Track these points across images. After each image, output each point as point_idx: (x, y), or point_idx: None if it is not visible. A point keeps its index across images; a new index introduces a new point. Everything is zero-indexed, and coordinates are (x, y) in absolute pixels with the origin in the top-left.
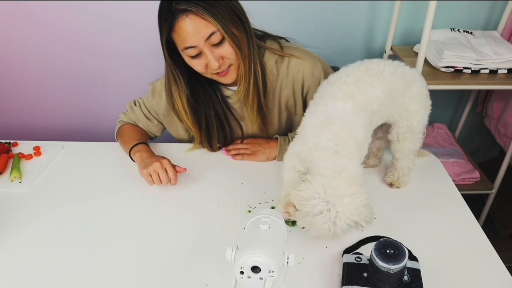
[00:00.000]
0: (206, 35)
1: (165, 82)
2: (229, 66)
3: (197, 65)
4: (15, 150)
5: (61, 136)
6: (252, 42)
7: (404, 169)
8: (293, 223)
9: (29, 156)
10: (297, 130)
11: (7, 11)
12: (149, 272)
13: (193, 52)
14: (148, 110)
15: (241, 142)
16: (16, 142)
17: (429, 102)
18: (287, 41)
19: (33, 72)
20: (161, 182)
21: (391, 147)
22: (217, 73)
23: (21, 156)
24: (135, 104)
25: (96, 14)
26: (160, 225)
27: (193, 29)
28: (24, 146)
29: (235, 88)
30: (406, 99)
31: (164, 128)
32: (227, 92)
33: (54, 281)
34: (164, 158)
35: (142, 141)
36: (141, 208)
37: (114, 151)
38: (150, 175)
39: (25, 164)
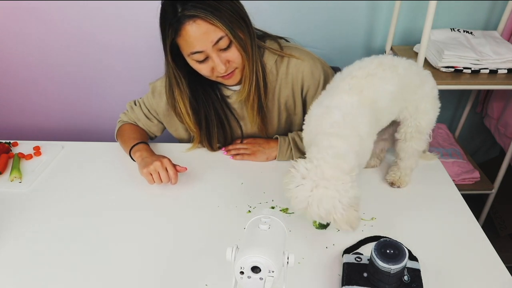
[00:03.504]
0: (214, 40)
1: (165, 85)
2: (234, 69)
3: (203, 69)
4: (15, 150)
5: (61, 136)
6: (255, 43)
7: (407, 169)
8: (321, 225)
9: (29, 156)
10: (304, 119)
11: (6, 10)
12: (149, 272)
13: (200, 57)
14: (148, 110)
15: (241, 142)
16: (16, 142)
17: (438, 104)
18: (286, 41)
19: (33, 72)
20: (161, 181)
21: (397, 146)
22: (222, 76)
23: (21, 156)
24: (135, 104)
25: (96, 14)
26: (160, 225)
27: (201, 35)
28: (24, 146)
29: (235, 88)
30: (418, 96)
31: (164, 128)
32: (227, 92)
33: (54, 281)
34: (164, 157)
35: (142, 140)
36: (141, 208)
37: (114, 151)
38: (151, 174)
39: (25, 164)
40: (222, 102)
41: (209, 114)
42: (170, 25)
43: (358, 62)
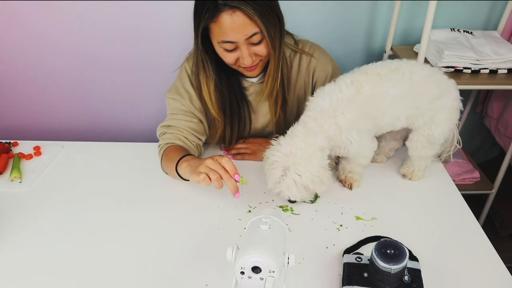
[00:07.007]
0: (249, 34)
1: (192, 67)
2: (258, 62)
3: (228, 57)
4: (15, 150)
5: (61, 136)
6: (283, 41)
7: (421, 166)
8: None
9: (29, 156)
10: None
11: (6, 10)
12: (150, 272)
13: (230, 46)
14: (184, 114)
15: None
16: (16, 142)
17: (457, 117)
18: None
19: (33, 72)
20: (221, 178)
21: (409, 152)
22: (245, 67)
23: (21, 156)
24: (167, 125)
25: (96, 15)
26: (160, 225)
27: (237, 27)
28: (24, 146)
29: (253, 80)
30: (434, 106)
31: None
32: (245, 83)
33: (54, 281)
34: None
35: (188, 153)
36: (141, 208)
37: (114, 151)
38: (205, 174)
39: (25, 164)
40: (239, 92)
41: (231, 101)
42: (208, 10)
43: (381, 62)
